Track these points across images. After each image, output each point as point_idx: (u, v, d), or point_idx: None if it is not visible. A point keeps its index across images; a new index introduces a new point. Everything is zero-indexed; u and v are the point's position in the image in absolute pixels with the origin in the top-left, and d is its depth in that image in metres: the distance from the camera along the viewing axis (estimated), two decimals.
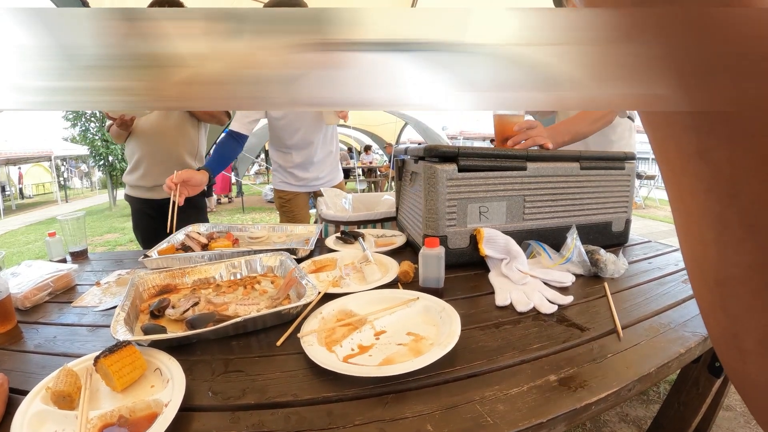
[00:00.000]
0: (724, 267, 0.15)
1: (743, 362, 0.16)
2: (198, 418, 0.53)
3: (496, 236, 1.01)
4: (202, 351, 0.69)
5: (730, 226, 0.14)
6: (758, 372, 0.15)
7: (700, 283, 0.17)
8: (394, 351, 0.65)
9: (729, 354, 0.16)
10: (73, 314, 0.88)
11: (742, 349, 0.16)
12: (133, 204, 1.80)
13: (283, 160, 1.80)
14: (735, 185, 0.13)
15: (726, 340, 0.16)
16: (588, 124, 1.34)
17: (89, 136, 9.49)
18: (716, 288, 0.16)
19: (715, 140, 0.13)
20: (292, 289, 0.87)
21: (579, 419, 0.54)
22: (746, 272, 0.14)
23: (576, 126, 1.33)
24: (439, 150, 1.02)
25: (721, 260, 0.15)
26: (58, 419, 0.52)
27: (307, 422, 0.51)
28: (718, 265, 0.15)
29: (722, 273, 0.15)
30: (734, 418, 1.48)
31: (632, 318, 0.76)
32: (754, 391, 0.16)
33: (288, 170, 1.80)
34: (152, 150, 1.69)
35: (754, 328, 0.15)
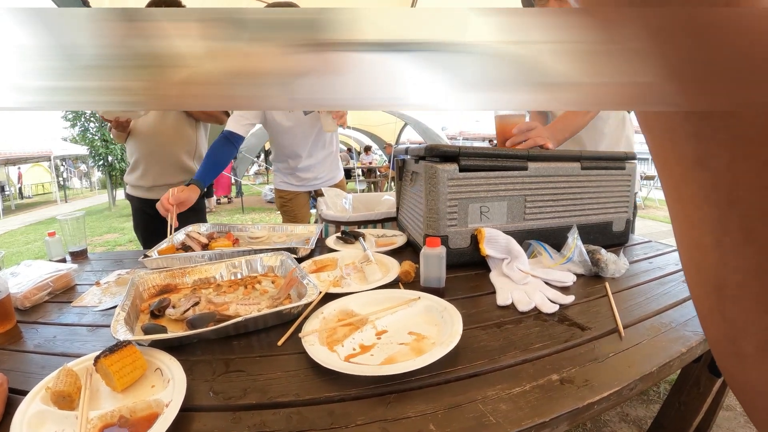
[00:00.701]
0: (723, 272, 0.15)
1: (742, 367, 0.16)
2: (199, 419, 0.52)
3: (497, 236, 1.01)
4: (202, 351, 0.69)
5: (729, 231, 0.14)
6: (757, 377, 0.15)
7: (698, 288, 0.17)
8: (396, 350, 0.65)
9: (727, 359, 0.16)
10: (73, 314, 0.88)
11: (741, 354, 0.15)
12: (133, 203, 1.81)
13: (283, 163, 1.81)
14: (734, 191, 0.13)
15: (724, 345, 0.16)
16: (582, 116, 1.35)
17: (89, 136, 9.49)
18: (714, 293, 0.16)
19: (715, 147, 0.13)
20: (293, 288, 0.87)
21: (581, 418, 0.54)
22: (745, 278, 0.14)
23: (572, 121, 1.34)
24: (440, 150, 1.02)
25: (719, 266, 0.15)
26: (58, 419, 0.52)
27: (309, 422, 0.51)
28: (717, 271, 0.15)
29: (721, 278, 0.15)
30: (734, 418, 1.48)
31: (633, 317, 0.76)
32: (753, 395, 0.16)
33: (288, 172, 1.82)
34: (150, 150, 1.69)
35: (753, 333, 0.15)
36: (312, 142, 1.73)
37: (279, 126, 1.66)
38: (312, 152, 1.76)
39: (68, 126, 10.43)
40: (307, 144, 1.72)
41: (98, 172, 14.20)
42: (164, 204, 1.28)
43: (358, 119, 10.21)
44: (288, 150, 1.74)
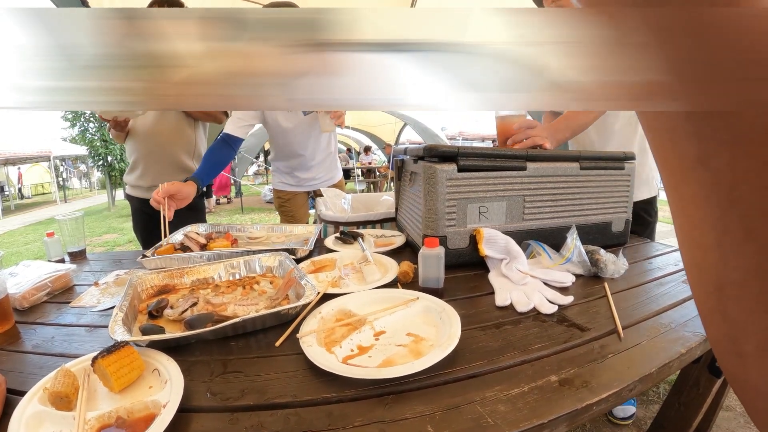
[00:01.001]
0: (724, 272, 0.15)
1: (743, 367, 0.16)
2: (196, 419, 0.52)
3: (495, 236, 1.01)
4: (200, 352, 0.68)
5: (730, 231, 0.14)
6: (758, 376, 0.15)
7: (699, 287, 0.17)
8: (394, 352, 0.65)
9: (728, 359, 0.16)
10: (71, 314, 0.88)
11: (742, 353, 0.16)
12: (132, 203, 1.82)
13: (282, 163, 1.82)
14: (735, 191, 0.13)
15: (725, 344, 0.16)
16: (585, 115, 1.33)
17: (88, 137, 9.47)
18: (716, 292, 0.16)
19: (716, 146, 0.13)
20: (291, 289, 0.87)
21: (580, 419, 0.54)
22: (746, 277, 0.14)
23: (574, 120, 1.32)
24: (439, 150, 1.02)
25: (720, 265, 0.15)
26: (55, 420, 0.52)
27: (307, 423, 0.51)
28: (718, 270, 0.15)
29: (722, 278, 0.15)
30: (734, 418, 1.48)
31: (633, 318, 0.76)
32: (754, 395, 0.16)
33: (287, 172, 1.82)
34: (149, 150, 1.69)
35: (754, 332, 0.15)
36: (311, 142, 1.73)
37: (278, 126, 1.66)
38: (311, 152, 1.76)
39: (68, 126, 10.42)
40: (307, 144, 1.73)
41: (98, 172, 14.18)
42: (155, 197, 1.27)
43: (358, 119, 10.22)
44: (287, 150, 1.75)
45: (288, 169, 1.81)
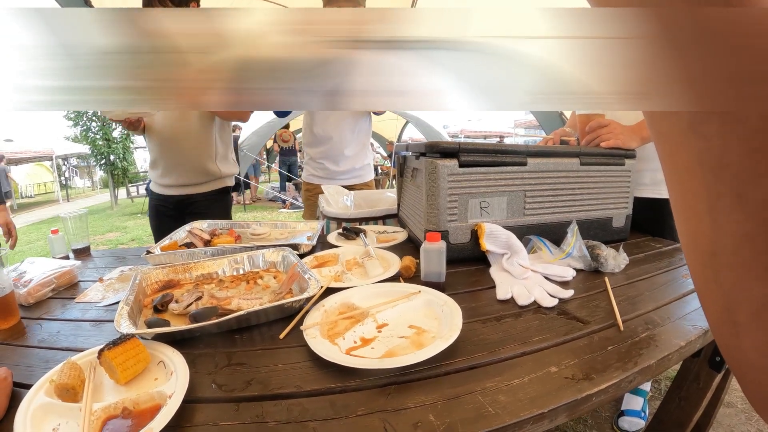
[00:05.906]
0: (717, 238, 0.16)
1: (737, 337, 0.16)
2: (201, 410, 0.53)
3: (497, 231, 1.01)
4: (205, 344, 0.69)
5: (722, 196, 0.15)
6: (751, 346, 0.16)
7: (694, 258, 0.17)
8: (396, 344, 0.66)
9: (723, 329, 0.17)
10: (77, 310, 0.89)
11: (736, 322, 0.16)
12: (151, 197, 1.82)
13: (313, 151, 1.84)
14: (725, 156, 0.14)
15: (720, 314, 0.17)
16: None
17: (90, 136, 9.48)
18: (710, 261, 0.16)
19: (706, 113, 0.14)
20: (294, 283, 0.88)
21: (580, 410, 0.54)
22: (737, 242, 0.15)
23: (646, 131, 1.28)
24: (441, 146, 1.03)
25: (713, 231, 0.16)
26: (62, 412, 0.52)
27: (310, 413, 0.51)
28: (711, 237, 0.16)
29: (715, 244, 0.16)
30: (735, 415, 1.48)
31: (633, 311, 0.76)
32: (747, 369, 0.17)
33: (317, 161, 1.84)
34: (167, 150, 1.64)
35: (746, 299, 0.15)
36: (344, 124, 1.76)
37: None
38: (340, 137, 1.79)
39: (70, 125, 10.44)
40: (338, 125, 1.76)
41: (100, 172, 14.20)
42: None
43: None
44: (318, 130, 1.78)
45: (319, 155, 1.82)
